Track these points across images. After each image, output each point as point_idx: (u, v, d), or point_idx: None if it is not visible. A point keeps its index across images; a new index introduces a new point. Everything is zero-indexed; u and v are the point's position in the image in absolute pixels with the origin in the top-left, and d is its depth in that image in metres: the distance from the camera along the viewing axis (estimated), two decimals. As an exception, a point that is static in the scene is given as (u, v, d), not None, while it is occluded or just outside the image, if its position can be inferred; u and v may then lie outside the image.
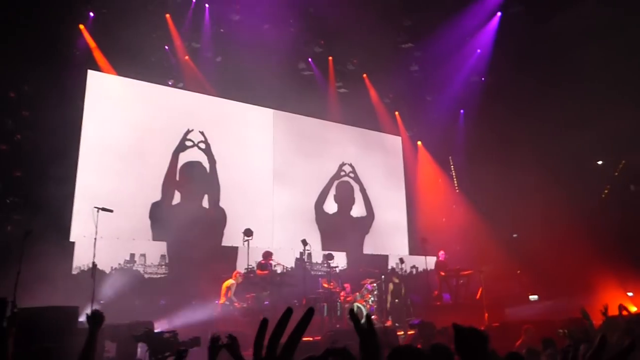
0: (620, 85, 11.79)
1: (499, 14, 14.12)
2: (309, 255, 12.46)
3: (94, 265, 7.36)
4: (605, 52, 11.77)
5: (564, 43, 12.53)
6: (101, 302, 8.17)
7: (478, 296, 11.84)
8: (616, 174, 14.02)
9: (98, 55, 11.60)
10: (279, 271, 10.77)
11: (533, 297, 13.21)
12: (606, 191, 13.98)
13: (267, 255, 10.90)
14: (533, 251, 12.53)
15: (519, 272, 12.53)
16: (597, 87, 12.23)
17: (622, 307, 6.27)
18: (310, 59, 14.22)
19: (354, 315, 1.05)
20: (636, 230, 11.78)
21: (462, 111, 16.19)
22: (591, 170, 14.05)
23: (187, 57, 12.83)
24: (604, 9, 11.70)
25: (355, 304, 11.35)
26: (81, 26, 11.43)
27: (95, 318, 2.99)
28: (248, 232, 10.70)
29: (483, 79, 14.95)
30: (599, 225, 11.87)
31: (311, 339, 8.67)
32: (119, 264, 10.77)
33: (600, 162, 14.40)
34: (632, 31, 11.36)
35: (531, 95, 12.96)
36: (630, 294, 11.72)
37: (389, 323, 11.32)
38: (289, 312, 1.00)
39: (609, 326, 5.49)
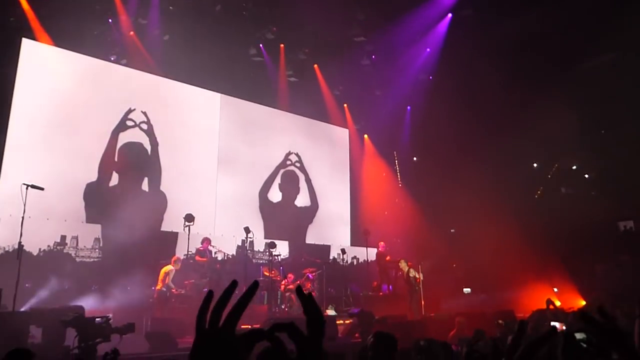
0: (558, 93, 12.41)
1: (449, 15, 14.45)
2: (251, 243, 12.34)
3: (20, 245, 6.89)
4: (545, 60, 12.35)
5: (508, 49, 13.02)
6: (27, 285, 7.69)
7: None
8: (549, 176, 14.82)
9: (34, 23, 10.86)
10: (219, 258, 10.58)
11: (466, 290, 13.77)
12: (539, 192, 14.74)
13: (204, 241, 10.68)
14: (468, 246, 13.03)
15: (454, 265, 13.00)
16: (536, 94, 12.83)
17: (549, 302, 6.69)
18: (261, 45, 13.98)
19: (300, 291, 0.99)
20: (564, 230, 12.50)
21: (408, 108, 16.51)
22: (527, 172, 14.76)
23: (132, 33, 12.26)
24: (547, 18, 12.24)
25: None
26: (17, -10, 10.66)
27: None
28: (189, 218, 10.42)
29: (430, 77, 15.28)
30: (531, 224, 12.50)
31: (250, 326, 8.61)
32: (49, 246, 10.19)
33: (535, 165, 15.16)
34: (572, 40, 11.97)
35: (475, 97, 13.40)
36: (555, 289, 12.45)
37: (326, 313, 11.42)
38: (234, 284, 0.94)
39: (537, 318, 5.79)
